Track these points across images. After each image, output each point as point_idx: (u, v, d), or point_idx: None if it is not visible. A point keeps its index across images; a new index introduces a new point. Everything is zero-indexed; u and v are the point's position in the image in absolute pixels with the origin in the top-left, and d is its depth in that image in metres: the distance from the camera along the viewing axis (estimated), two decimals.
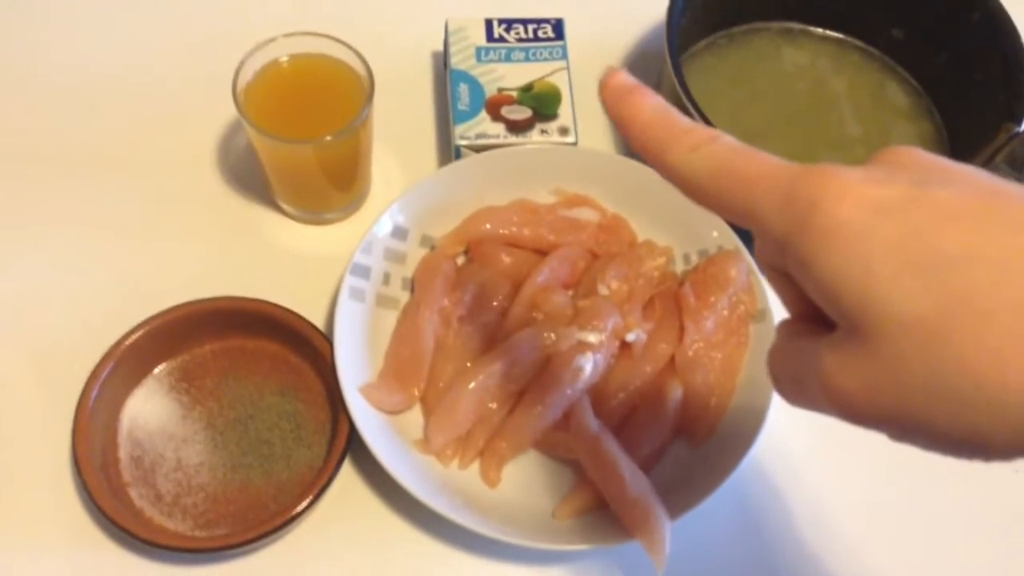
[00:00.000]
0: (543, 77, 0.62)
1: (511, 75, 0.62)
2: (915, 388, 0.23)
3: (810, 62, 0.68)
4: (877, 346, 0.24)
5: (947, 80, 0.66)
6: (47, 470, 0.52)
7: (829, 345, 0.26)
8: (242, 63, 0.54)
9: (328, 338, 0.53)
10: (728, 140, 0.29)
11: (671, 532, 0.47)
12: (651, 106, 0.31)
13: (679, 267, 0.59)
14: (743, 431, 0.52)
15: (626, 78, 0.32)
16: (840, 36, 0.69)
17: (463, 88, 0.61)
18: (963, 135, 0.64)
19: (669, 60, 0.57)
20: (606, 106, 0.32)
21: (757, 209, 0.27)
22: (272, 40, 0.54)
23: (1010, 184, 0.25)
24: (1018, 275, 0.22)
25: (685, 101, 0.56)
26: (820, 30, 0.69)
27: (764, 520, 0.55)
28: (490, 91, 0.61)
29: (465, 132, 0.59)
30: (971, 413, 0.22)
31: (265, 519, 0.49)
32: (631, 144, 0.31)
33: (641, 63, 0.70)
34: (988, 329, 0.22)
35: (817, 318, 0.27)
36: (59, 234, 0.60)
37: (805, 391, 0.28)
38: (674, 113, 0.30)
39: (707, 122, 0.55)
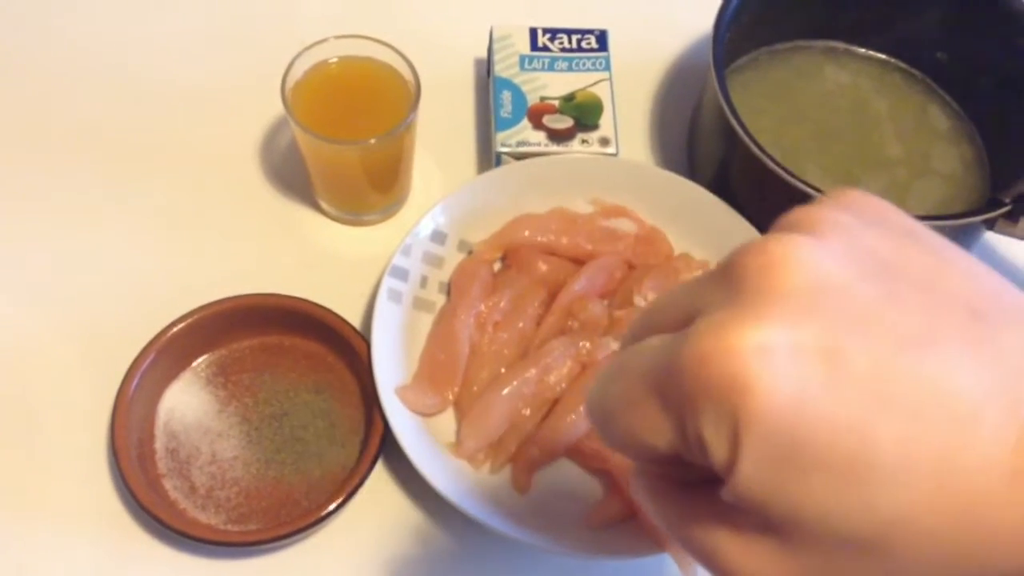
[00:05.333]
0: (585, 87, 0.62)
1: (554, 84, 0.62)
2: None
3: (852, 82, 0.68)
4: (806, 553, 0.22)
5: (990, 105, 0.65)
6: (84, 458, 0.52)
7: (735, 531, 0.23)
8: (292, 62, 0.54)
9: (365, 338, 0.53)
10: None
11: None
12: None
13: None
14: None
15: None
16: (883, 57, 0.69)
17: (506, 95, 0.61)
18: (1005, 160, 0.64)
19: (714, 74, 0.57)
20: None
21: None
22: (323, 41, 0.55)
23: (918, 318, 0.21)
24: (956, 482, 0.20)
25: (729, 116, 0.56)
26: (863, 50, 0.69)
27: None
28: (532, 99, 0.61)
29: (507, 139, 0.60)
30: None
31: (297, 516, 0.49)
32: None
33: (683, 76, 0.70)
34: (932, 546, 0.21)
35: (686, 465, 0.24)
36: (105, 226, 0.60)
37: (695, 553, 0.25)
38: None
39: (750, 137, 0.55)
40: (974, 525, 0.21)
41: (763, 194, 0.59)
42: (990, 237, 0.60)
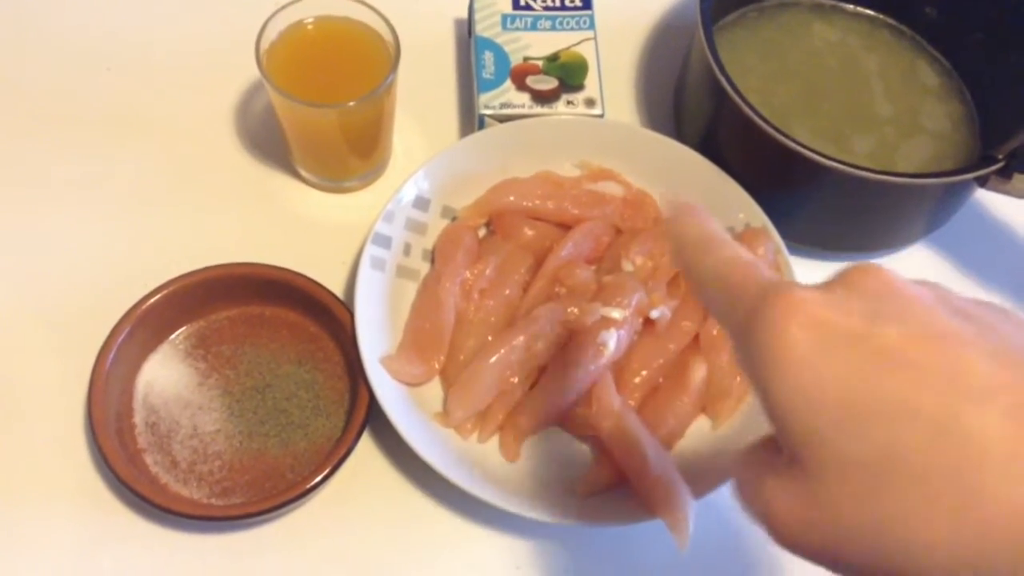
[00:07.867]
0: (570, 47, 0.61)
1: (537, 44, 0.61)
2: (847, 533, 0.24)
3: (840, 39, 0.67)
4: (815, 484, 0.24)
5: (980, 61, 0.64)
6: (62, 434, 0.51)
7: (773, 469, 0.26)
8: (266, 23, 0.53)
9: (348, 308, 0.52)
10: (729, 251, 0.30)
11: (695, 511, 0.47)
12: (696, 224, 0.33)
13: None
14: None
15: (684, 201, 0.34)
16: (872, 13, 0.68)
17: (488, 56, 0.60)
18: (995, 117, 0.63)
19: (702, 32, 0.55)
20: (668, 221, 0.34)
21: (727, 317, 0.28)
22: (298, 0, 0.53)
23: (966, 321, 0.25)
24: (952, 438, 0.22)
25: (718, 74, 0.54)
26: (851, 7, 0.68)
27: None
28: (515, 60, 0.60)
29: (490, 101, 0.58)
30: (899, 563, 0.23)
31: (282, 489, 0.48)
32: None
33: (669, 35, 0.69)
34: (920, 491, 0.22)
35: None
36: (77, 197, 0.59)
37: (751, 510, 0.28)
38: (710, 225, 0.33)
39: (740, 96, 0.54)
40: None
41: (752, 155, 0.57)
42: (981, 196, 0.59)
